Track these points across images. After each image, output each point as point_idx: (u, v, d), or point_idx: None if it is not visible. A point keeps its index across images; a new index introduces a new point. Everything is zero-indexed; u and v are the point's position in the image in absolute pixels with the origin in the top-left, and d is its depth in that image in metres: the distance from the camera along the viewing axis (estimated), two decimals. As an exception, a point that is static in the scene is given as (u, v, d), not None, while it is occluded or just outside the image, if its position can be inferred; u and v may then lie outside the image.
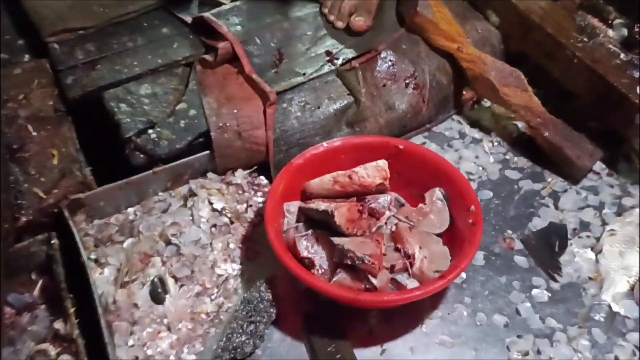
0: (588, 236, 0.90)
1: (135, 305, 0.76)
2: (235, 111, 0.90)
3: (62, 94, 0.89)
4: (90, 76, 0.90)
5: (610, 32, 0.96)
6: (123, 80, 0.91)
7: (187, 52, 0.95)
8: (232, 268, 0.83)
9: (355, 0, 1.00)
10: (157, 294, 0.77)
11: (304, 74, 0.94)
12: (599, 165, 0.99)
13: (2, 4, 1.01)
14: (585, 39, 0.96)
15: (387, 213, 0.81)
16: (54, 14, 0.95)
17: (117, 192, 0.86)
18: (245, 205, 0.89)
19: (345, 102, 0.94)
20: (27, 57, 0.95)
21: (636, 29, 0.93)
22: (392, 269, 0.77)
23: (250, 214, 0.89)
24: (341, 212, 0.76)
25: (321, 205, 0.78)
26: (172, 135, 0.88)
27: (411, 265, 0.77)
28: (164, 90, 0.91)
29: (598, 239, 0.89)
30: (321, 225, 0.78)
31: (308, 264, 0.77)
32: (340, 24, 0.99)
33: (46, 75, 0.90)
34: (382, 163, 0.82)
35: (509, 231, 0.90)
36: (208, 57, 0.94)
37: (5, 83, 0.87)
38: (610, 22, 0.96)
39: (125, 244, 0.83)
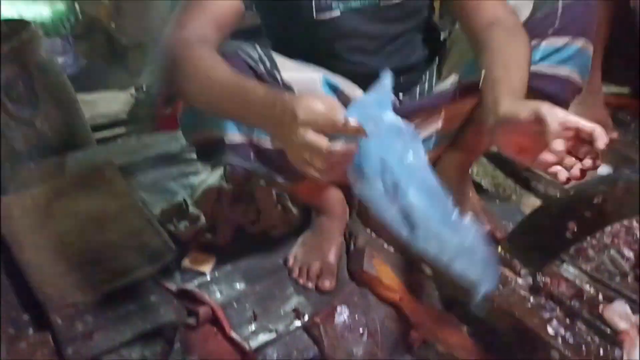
0: None
1: None
2: (215, 370, 1.03)
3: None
4: (88, 345, 1.03)
5: (520, 280, 1.19)
6: (116, 346, 1.04)
7: (172, 316, 1.11)
8: None
9: (319, 264, 1.23)
10: None
11: (275, 331, 1.11)
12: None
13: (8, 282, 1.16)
14: (500, 286, 1.18)
15: None
16: (58, 290, 1.11)
17: None
18: None
19: (312, 353, 1.10)
20: (31, 331, 1.07)
21: (538, 277, 1.16)
22: None
23: None
24: None
25: None
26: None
27: None
28: (153, 353, 1.04)
29: None
30: None
31: None
32: (310, 285, 1.21)
33: (48, 347, 1.03)
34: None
35: None
36: (191, 320, 1.09)
37: (11, 357, 0.98)
38: (518, 271, 1.20)
39: None
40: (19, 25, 1.60)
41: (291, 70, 1.07)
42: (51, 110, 1.53)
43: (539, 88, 1.07)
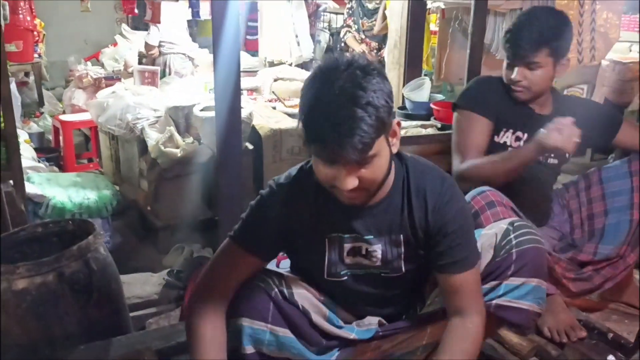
0: None
1: None
2: None
3: None
4: None
5: None
6: None
7: None
8: None
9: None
10: None
11: None
12: None
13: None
14: None
15: None
16: None
17: None
18: None
19: None
20: None
21: None
22: None
23: None
24: None
25: None
26: None
27: None
28: None
29: None
30: None
31: None
32: None
33: None
34: None
35: None
36: None
37: None
38: None
39: None
40: (84, 225, 1.95)
41: (299, 288, 1.38)
42: (102, 299, 1.81)
43: (504, 317, 1.36)
